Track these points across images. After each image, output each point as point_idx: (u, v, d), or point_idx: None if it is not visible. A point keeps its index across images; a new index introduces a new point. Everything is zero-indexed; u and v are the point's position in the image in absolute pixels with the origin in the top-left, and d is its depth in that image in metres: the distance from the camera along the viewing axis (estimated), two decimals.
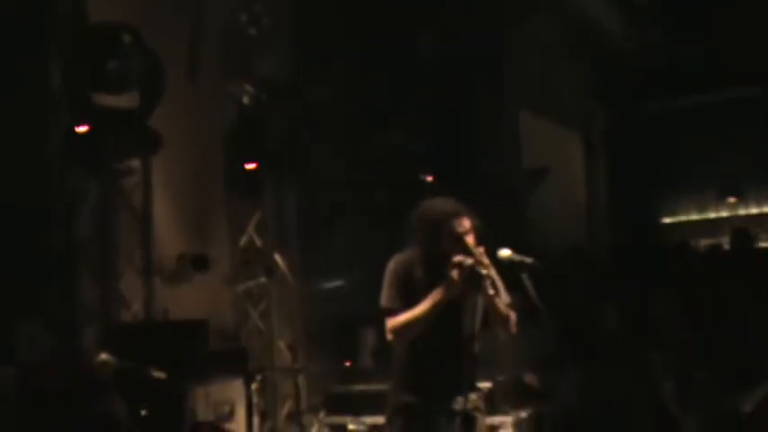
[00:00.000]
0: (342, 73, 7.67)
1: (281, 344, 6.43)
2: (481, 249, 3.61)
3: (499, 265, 3.66)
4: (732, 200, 12.51)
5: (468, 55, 8.88)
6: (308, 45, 7.34)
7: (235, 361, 5.35)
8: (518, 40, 9.50)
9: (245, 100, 6.51)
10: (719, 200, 12.59)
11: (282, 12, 7.00)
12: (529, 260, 3.60)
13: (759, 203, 12.46)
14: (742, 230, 8.82)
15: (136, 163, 5.53)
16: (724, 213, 12.61)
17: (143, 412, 4.09)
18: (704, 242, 11.77)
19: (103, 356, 3.69)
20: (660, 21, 10.88)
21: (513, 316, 3.70)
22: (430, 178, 8.38)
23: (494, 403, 5.31)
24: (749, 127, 11.74)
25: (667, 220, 13.08)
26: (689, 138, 12.25)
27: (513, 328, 3.71)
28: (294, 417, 6.27)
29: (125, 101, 5.22)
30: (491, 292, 3.55)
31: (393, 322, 3.65)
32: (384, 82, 8.10)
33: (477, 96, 9.04)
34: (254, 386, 4.52)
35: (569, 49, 11.05)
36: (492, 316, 3.61)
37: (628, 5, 10.74)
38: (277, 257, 6.70)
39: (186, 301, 5.71)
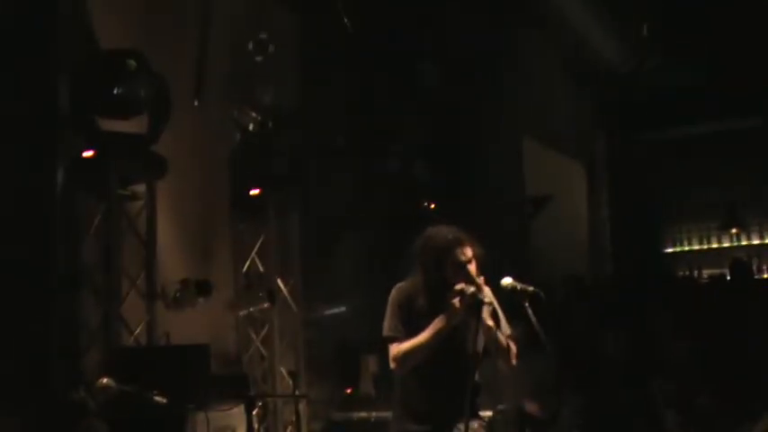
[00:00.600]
0: (345, 99, 7.73)
1: (283, 370, 6.41)
2: (481, 279, 3.62)
3: (501, 293, 3.66)
4: (734, 230, 12.51)
5: (470, 82, 8.93)
6: (312, 72, 7.40)
7: (236, 386, 5.33)
8: (519, 68, 9.56)
9: (250, 126, 6.55)
10: (722, 230, 12.59)
11: (288, 39, 7.06)
12: (531, 288, 3.61)
13: (761, 234, 12.46)
14: (741, 261, 8.85)
15: (141, 187, 5.55)
16: (726, 244, 12.61)
17: None
18: (706, 272, 11.79)
19: (104, 380, 3.69)
20: (661, 49, 10.94)
21: (513, 348, 3.70)
22: (432, 205, 8.42)
23: None
24: (752, 157, 11.77)
25: (670, 250, 13.07)
26: (691, 167, 12.29)
27: (513, 360, 3.71)
28: None
29: (131, 125, 5.25)
30: (490, 322, 3.56)
31: (396, 351, 3.65)
32: (386, 108, 8.15)
33: (480, 124, 9.09)
34: (254, 412, 4.50)
35: (570, 78, 11.12)
36: (492, 346, 3.61)
37: (628, 34, 10.80)
38: (279, 283, 6.70)
39: (189, 325, 5.71)
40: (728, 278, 8.97)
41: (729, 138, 11.96)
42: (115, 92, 5.05)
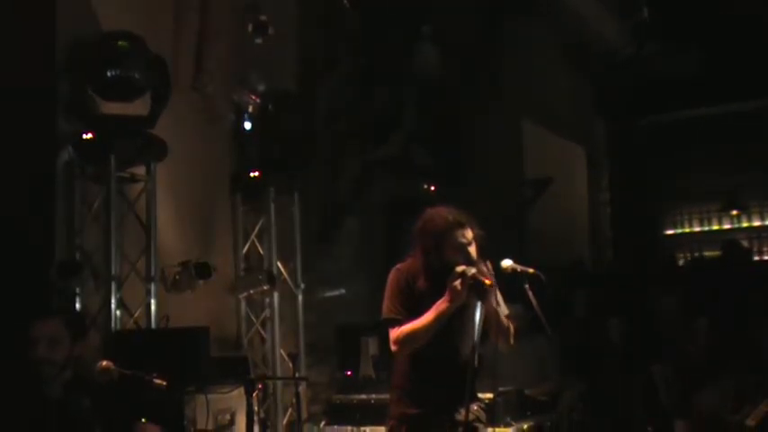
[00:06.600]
0: (345, 82, 7.71)
1: (283, 352, 6.42)
2: (488, 264, 3.61)
3: (501, 275, 3.66)
4: (735, 212, 12.52)
5: (471, 66, 8.91)
6: (312, 55, 7.38)
7: (236, 369, 5.35)
8: (519, 52, 9.53)
9: (251, 109, 6.54)
10: (723, 212, 12.60)
11: (287, 22, 7.03)
12: (531, 270, 3.60)
13: (762, 216, 12.46)
14: (732, 243, 8.85)
15: (141, 170, 5.55)
16: (727, 226, 12.62)
17: (143, 420, 4.08)
18: (707, 254, 11.81)
19: (104, 363, 3.69)
20: (661, 33, 10.91)
21: (512, 327, 3.70)
22: (432, 188, 8.42)
23: (495, 414, 5.30)
24: (752, 140, 11.75)
25: (670, 232, 13.08)
26: (692, 150, 12.28)
27: (512, 340, 3.70)
28: (295, 426, 6.26)
29: (132, 108, 5.24)
30: (492, 303, 3.55)
31: (397, 333, 3.64)
32: (387, 92, 8.13)
33: (480, 107, 9.07)
34: (254, 395, 4.51)
35: (570, 62, 11.08)
36: (492, 327, 3.60)
37: (628, 18, 10.76)
38: (279, 266, 6.71)
39: (188, 308, 5.72)
40: (721, 259, 8.95)
41: (730, 121, 11.94)
42: (109, 74, 5.04)
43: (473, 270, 3.54)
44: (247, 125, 6.62)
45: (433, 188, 8.40)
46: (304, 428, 5.90)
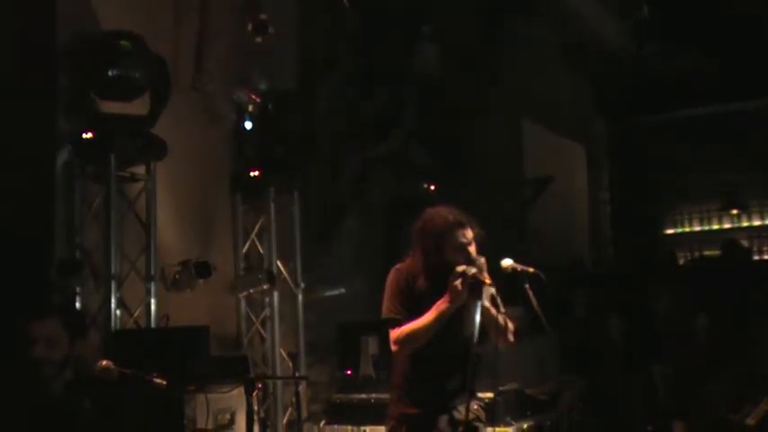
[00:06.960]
0: (345, 81, 7.71)
1: (282, 351, 6.43)
2: (482, 260, 3.61)
3: (500, 274, 3.65)
4: (735, 212, 12.51)
5: (471, 64, 8.91)
6: (312, 54, 7.38)
7: (236, 368, 5.35)
8: (519, 51, 9.53)
9: (251, 108, 6.54)
10: (723, 212, 12.59)
11: (289, 22, 7.03)
12: (531, 270, 3.59)
13: (762, 215, 12.46)
14: (732, 242, 8.85)
15: (140, 169, 5.55)
16: (727, 225, 12.62)
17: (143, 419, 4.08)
18: (707, 253, 11.81)
19: (104, 363, 3.69)
20: (661, 33, 10.90)
21: (511, 326, 3.69)
22: (432, 187, 8.42)
23: (495, 414, 5.31)
24: (752, 139, 11.75)
25: (670, 231, 13.08)
26: (692, 150, 12.26)
27: (512, 338, 3.70)
28: (295, 425, 6.26)
29: (132, 108, 5.25)
30: (487, 303, 3.54)
31: (398, 333, 3.63)
32: (387, 92, 8.13)
33: (480, 106, 9.06)
34: (254, 394, 4.51)
35: (570, 62, 11.07)
36: (491, 326, 3.59)
37: (628, 18, 10.76)
38: (279, 265, 6.71)
39: (188, 307, 5.72)
40: (721, 259, 8.95)
41: (730, 121, 11.93)
42: (110, 74, 5.04)
43: (473, 270, 3.54)
44: (248, 125, 6.62)
45: (433, 188, 8.40)
46: (304, 428, 5.90)
